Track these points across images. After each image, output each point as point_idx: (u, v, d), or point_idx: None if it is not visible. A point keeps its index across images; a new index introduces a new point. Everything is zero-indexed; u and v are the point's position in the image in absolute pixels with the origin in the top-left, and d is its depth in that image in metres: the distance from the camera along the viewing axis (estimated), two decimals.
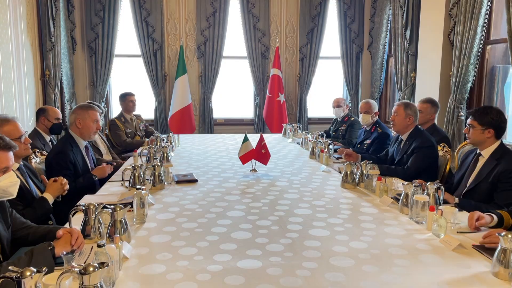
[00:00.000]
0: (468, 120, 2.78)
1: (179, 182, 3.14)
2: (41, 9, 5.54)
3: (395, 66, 5.98)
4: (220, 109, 7.03)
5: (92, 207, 2.05)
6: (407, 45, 5.62)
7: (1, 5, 4.54)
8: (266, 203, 2.68)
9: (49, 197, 2.57)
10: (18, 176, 2.38)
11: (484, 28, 4.44)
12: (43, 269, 1.40)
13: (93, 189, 3.13)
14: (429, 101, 3.92)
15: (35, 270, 1.38)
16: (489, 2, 4.37)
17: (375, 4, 6.73)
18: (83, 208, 2.05)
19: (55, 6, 5.58)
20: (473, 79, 4.62)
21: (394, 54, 6.00)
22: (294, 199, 2.76)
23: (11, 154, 1.90)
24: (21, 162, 2.61)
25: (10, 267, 1.37)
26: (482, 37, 4.46)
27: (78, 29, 6.39)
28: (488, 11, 4.40)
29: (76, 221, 2.12)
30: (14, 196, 1.91)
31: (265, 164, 3.49)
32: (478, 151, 2.79)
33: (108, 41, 6.39)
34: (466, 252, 1.94)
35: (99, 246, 1.56)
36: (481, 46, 4.49)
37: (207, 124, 6.83)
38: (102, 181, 3.38)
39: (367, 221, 2.36)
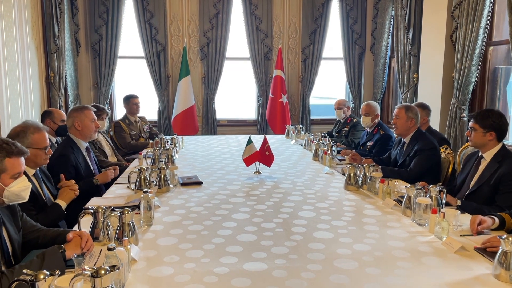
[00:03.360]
0: (470, 123, 2.81)
1: (184, 184, 3.18)
2: (46, 12, 5.59)
3: (398, 67, 6.00)
4: (223, 110, 7.07)
5: (100, 210, 2.09)
6: (410, 46, 5.65)
7: (6, 8, 4.59)
8: (270, 205, 2.72)
9: (62, 203, 2.59)
10: (33, 182, 2.46)
11: (486, 30, 4.46)
12: (56, 272, 1.44)
13: (97, 192, 3.17)
14: (419, 106, 3.91)
15: (48, 273, 1.42)
16: (491, 4, 4.39)
17: (377, 5, 6.76)
18: (92, 211, 2.09)
19: (60, 8, 5.63)
20: (475, 80, 4.65)
21: (396, 55, 6.02)
22: (298, 201, 2.80)
23: (23, 159, 1.94)
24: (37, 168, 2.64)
25: (24, 271, 1.42)
26: (484, 39, 4.49)
27: (82, 31, 6.44)
28: (490, 13, 4.42)
29: (84, 223, 2.17)
30: (26, 199, 1.96)
31: (269, 166, 3.53)
32: (480, 153, 2.82)
33: (112, 43, 6.43)
34: (468, 255, 1.97)
35: (109, 249, 1.60)
36: (483, 47, 4.52)
37: (210, 125, 6.87)
38: (108, 183, 3.43)
39: (370, 223, 2.39)
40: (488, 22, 4.44)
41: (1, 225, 1.87)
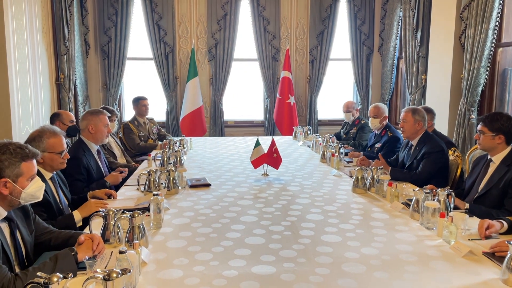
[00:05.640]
0: (479, 126, 2.80)
1: (192, 186, 3.21)
2: (56, 14, 5.65)
3: (406, 68, 5.98)
4: (231, 111, 7.09)
5: (111, 213, 2.12)
6: (418, 47, 5.63)
7: (17, 11, 4.65)
8: (278, 208, 2.73)
9: (77, 216, 2.51)
10: (50, 186, 2.51)
11: (495, 31, 4.44)
12: (69, 275, 1.47)
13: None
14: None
15: (61, 276, 1.45)
16: (500, 5, 4.36)
17: (385, 6, 6.74)
18: (103, 213, 2.13)
19: (69, 10, 5.69)
20: (484, 82, 4.62)
21: (404, 56, 6.00)
22: (306, 204, 2.81)
23: (35, 161, 1.99)
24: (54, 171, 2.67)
25: (38, 273, 1.45)
26: (493, 40, 4.46)
27: (91, 33, 6.51)
28: (499, 14, 4.39)
29: (95, 225, 2.20)
30: (41, 199, 2.01)
31: (277, 169, 3.55)
32: (489, 157, 2.81)
33: (121, 44, 6.49)
34: (476, 259, 1.97)
35: (121, 252, 1.63)
36: (492, 49, 4.49)
37: (218, 126, 6.90)
38: (117, 184, 3.46)
39: (378, 226, 2.40)
40: (497, 23, 4.41)
41: (15, 227, 1.91)
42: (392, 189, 2.83)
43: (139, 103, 5.22)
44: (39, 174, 2.41)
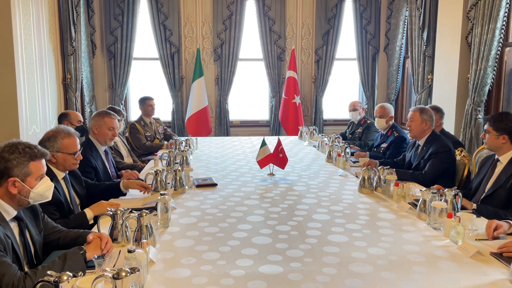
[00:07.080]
0: (485, 126, 2.81)
1: (199, 186, 3.22)
2: (63, 15, 5.69)
3: (412, 68, 5.97)
4: (236, 111, 7.10)
5: (119, 212, 2.14)
6: (424, 47, 5.61)
7: (25, 11, 4.69)
8: (284, 208, 2.74)
9: (89, 213, 2.51)
10: (62, 186, 2.53)
11: (503, 31, 4.41)
12: (79, 274, 1.49)
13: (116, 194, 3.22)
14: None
15: (71, 274, 1.46)
16: (508, 5, 4.34)
17: (391, 5, 6.72)
18: (111, 213, 2.14)
19: (76, 11, 5.72)
20: (491, 82, 4.60)
21: (410, 55, 5.98)
22: (312, 204, 2.81)
23: (44, 161, 2.00)
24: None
25: (48, 272, 1.46)
26: (501, 40, 4.44)
27: (97, 33, 6.54)
28: (506, 14, 4.37)
29: (103, 225, 2.21)
30: (50, 199, 2.02)
31: (283, 168, 3.55)
32: (496, 156, 2.81)
33: (127, 44, 6.52)
34: (483, 259, 1.97)
35: (129, 251, 1.64)
36: (499, 48, 4.47)
37: (223, 126, 6.91)
38: None
39: (385, 227, 2.40)
40: (504, 23, 4.38)
41: (24, 226, 1.93)
42: (398, 189, 2.82)
43: (145, 103, 5.24)
44: (52, 173, 2.45)
